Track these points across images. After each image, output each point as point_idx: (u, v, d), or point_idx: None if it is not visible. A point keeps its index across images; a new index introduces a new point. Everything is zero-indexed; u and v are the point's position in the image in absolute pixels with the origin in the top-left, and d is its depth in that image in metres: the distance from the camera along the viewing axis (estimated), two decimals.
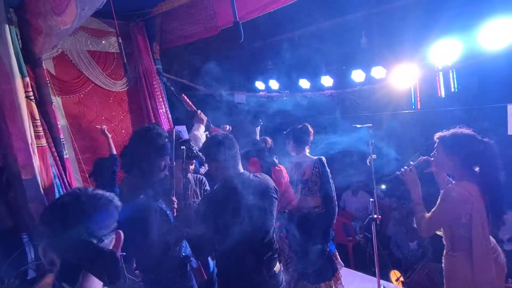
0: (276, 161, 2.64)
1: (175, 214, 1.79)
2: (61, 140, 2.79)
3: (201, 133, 2.56)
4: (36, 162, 2.38)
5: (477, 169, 1.72)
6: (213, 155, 1.74)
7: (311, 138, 2.73)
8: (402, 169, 1.90)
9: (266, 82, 5.16)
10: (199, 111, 2.68)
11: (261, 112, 4.50)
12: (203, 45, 4.33)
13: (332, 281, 2.65)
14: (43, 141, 2.51)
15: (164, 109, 4.41)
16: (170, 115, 4.46)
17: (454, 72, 4.12)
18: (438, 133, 1.82)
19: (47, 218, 0.87)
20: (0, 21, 2.24)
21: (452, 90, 4.20)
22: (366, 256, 4.27)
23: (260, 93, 5.21)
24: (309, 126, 2.73)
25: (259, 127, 3.38)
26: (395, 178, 1.96)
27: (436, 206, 1.73)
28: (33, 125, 2.42)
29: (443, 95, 4.23)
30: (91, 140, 3.95)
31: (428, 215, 1.74)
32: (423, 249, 3.94)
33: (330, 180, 2.60)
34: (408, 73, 3.70)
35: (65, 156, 2.80)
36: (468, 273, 1.65)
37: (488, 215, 1.64)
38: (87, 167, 3.70)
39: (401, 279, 3.78)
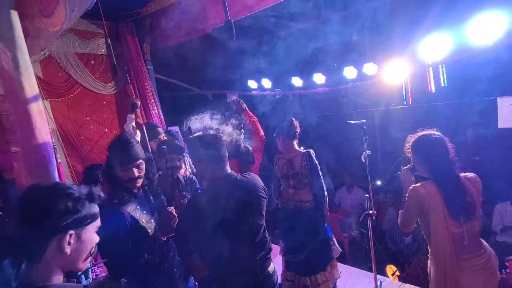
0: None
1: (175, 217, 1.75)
2: (53, 144, 2.73)
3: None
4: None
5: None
6: (199, 156, 1.72)
7: (298, 130, 2.76)
8: (403, 169, 2.00)
9: (258, 81, 5.16)
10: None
11: (254, 111, 4.49)
12: (195, 45, 4.29)
13: (327, 271, 2.66)
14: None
15: (156, 110, 4.37)
16: (162, 116, 4.42)
17: (444, 68, 4.18)
18: (407, 140, 1.94)
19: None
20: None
21: (442, 85, 4.25)
22: (362, 252, 4.31)
23: (253, 92, 5.20)
24: (294, 119, 2.77)
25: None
26: (396, 177, 2.09)
27: (405, 204, 1.89)
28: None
29: (433, 90, 4.28)
30: (81, 144, 3.89)
31: (402, 211, 1.90)
32: (418, 243, 3.99)
33: (320, 173, 2.63)
34: (399, 69, 3.73)
35: (58, 161, 2.74)
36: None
37: (449, 212, 1.69)
38: (78, 171, 3.64)
39: (397, 273, 3.82)
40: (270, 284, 1.75)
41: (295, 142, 2.74)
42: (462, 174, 1.78)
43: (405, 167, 2.00)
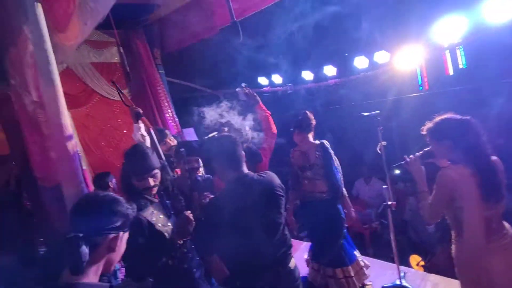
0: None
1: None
2: (78, 152, 2.79)
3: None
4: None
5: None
6: (214, 158, 1.74)
7: (313, 123, 2.79)
8: (407, 158, 1.93)
9: (269, 77, 5.15)
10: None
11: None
12: (204, 46, 4.34)
13: (350, 267, 2.68)
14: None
15: (170, 113, 4.45)
16: (177, 119, 4.50)
17: (462, 49, 4.03)
18: (424, 127, 1.87)
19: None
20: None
21: (460, 67, 4.11)
22: (383, 243, 4.25)
23: (264, 88, 5.21)
24: (308, 113, 2.79)
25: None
26: (400, 166, 2.01)
27: (433, 192, 1.78)
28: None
29: (451, 73, 4.15)
30: (101, 151, 4.03)
31: (429, 201, 1.79)
32: (442, 231, 3.89)
33: (335, 164, 2.64)
34: (413, 55, 3.63)
35: (83, 168, 2.81)
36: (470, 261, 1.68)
37: (483, 198, 1.63)
38: None
39: (421, 263, 3.76)
40: (292, 280, 1.76)
41: (310, 135, 2.77)
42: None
43: (411, 156, 1.91)
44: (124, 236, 1.14)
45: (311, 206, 2.73)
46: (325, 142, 2.70)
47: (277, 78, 5.02)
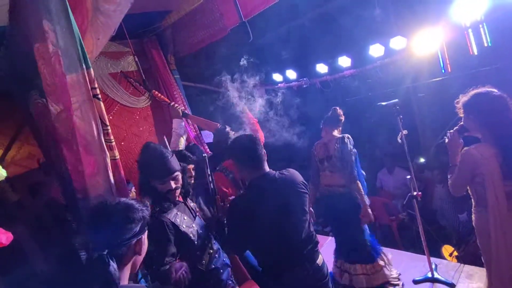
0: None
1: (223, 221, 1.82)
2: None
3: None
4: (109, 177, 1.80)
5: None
6: (238, 156, 1.76)
7: (342, 118, 2.83)
8: (449, 132, 1.97)
9: (283, 73, 5.11)
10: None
11: (282, 104, 4.46)
12: (216, 47, 4.37)
13: (373, 265, 2.65)
14: (116, 153, 1.87)
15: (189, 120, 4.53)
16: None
17: (485, 26, 3.81)
18: (459, 99, 1.89)
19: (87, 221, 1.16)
20: None
21: (486, 45, 3.88)
22: (412, 234, 4.12)
23: (279, 85, 5.17)
24: (338, 109, 2.85)
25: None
26: (443, 143, 2.04)
27: (456, 168, 1.87)
28: (103, 131, 1.81)
29: (475, 53, 3.93)
30: (125, 159, 4.17)
31: (454, 175, 1.89)
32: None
33: (353, 158, 2.62)
34: (432, 37, 3.47)
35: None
36: (488, 228, 1.76)
37: (503, 174, 1.69)
38: None
39: (455, 253, 3.61)
40: (321, 276, 1.75)
41: (336, 130, 2.81)
42: None
43: (451, 130, 1.94)
44: (145, 236, 1.17)
45: (329, 200, 2.73)
46: (347, 135, 2.69)
47: (291, 74, 4.97)
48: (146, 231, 1.18)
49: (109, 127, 1.86)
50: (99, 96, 1.88)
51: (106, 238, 1.05)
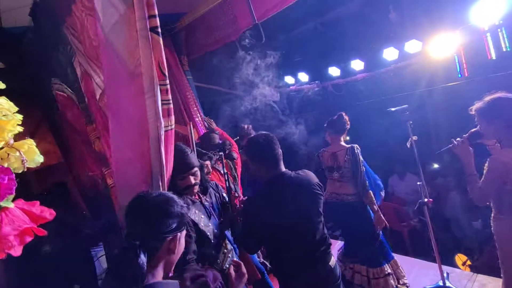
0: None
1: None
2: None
3: None
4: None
5: None
6: (254, 156, 1.75)
7: (348, 126, 2.82)
8: (454, 141, 1.91)
9: (295, 75, 5.11)
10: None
11: (293, 107, 4.47)
12: (229, 48, 4.41)
13: (378, 270, 2.64)
14: (172, 120, 1.51)
15: (200, 118, 4.58)
16: (206, 122, 4.62)
17: (504, 31, 3.72)
18: (473, 106, 1.85)
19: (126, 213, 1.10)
20: None
21: (504, 50, 3.78)
22: (424, 242, 4.04)
23: (291, 87, 5.17)
24: (344, 114, 2.84)
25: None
26: (447, 151, 1.98)
27: (483, 176, 1.79)
28: (160, 87, 1.39)
29: (493, 57, 3.84)
30: None
31: (479, 185, 1.79)
32: (489, 227, 3.62)
33: (363, 168, 2.64)
34: (449, 41, 3.41)
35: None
36: None
37: None
38: None
39: (468, 262, 3.51)
40: (333, 278, 1.74)
41: (342, 137, 2.80)
42: None
43: (459, 138, 1.89)
44: (182, 236, 1.10)
45: (338, 208, 2.73)
46: (356, 146, 2.71)
47: (303, 76, 4.96)
48: (184, 231, 1.11)
49: (167, 80, 1.41)
50: (158, 29, 1.41)
51: (140, 228, 1.01)
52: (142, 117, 1.37)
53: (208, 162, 2.34)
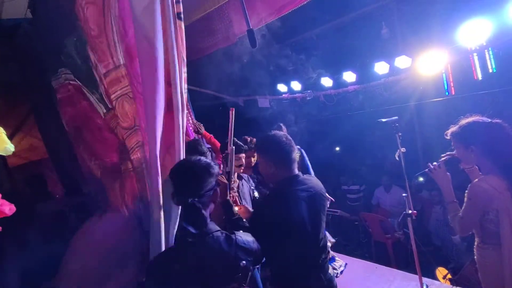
0: None
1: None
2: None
3: None
4: None
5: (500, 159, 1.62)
6: (273, 154, 1.65)
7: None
8: (431, 166, 1.84)
9: (288, 84, 5.17)
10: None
11: (284, 115, 4.51)
12: (224, 53, 4.44)
13: None
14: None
15: (191, 121, 4.57)
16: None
17: (491, 51, 3.85)
18: (448, 130, 1.78)
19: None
20: None
21: (490, 71, 3.92)
22: (407, 254, 4.09)
23: (283, 95, 5.22)
24: (282, 125, 3.03)
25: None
26: (423, 174, 1.92)
27: (464, 205, 1.68)
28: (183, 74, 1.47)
29: (479, 78, 3.97)
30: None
31: (460, 214, 1.68)
32: (468, 242, 3.70)
33: (311, 171, 2.71)
34: (437, 59, 3.52)
35: None
36: (498, 265, 1.59)
37: None
38: None
39: (449, 276, 3.57)
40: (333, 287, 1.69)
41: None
42: None
43: (435, 163, 1.81)
44: (218, 187, 1.39)
45: None
46: (300, 149, 2.75)
47: (296, 85, 5.03)
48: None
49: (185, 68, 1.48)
50: (182, 15, 1.45)
51: (193, 189, 1.26)
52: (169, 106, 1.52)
53: (243, 155, 2.39)
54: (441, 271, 3.65)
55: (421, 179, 4.64)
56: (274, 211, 1.56)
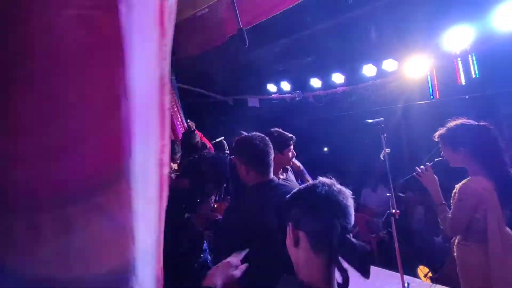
0: None
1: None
2: None
3: None
4: None
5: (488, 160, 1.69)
6: (247, 158, 1.59)
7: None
8: (418, 169, 1.88)
9: (277, 84, 5.20)
10: None
11: (273, 115, 4.53)
12: (215, 51, 4.43)
13: None
14: None
15: (180, 119, 4.55)
16: (186, 124, 4.59)
17: (474, 57, 3.97)
18: (436, 133, 1.82)
19: None
20: None
21: (473, 76, 4.04)
22: (391, 253, 4.18)
23: (273, 95, 5.25)
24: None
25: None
26: (411, 178, 1.97)
27: (453, 206, 1.73)
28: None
29: (463, 83, 4.08)
30: None
31: (449, 216, 1.73)
32: (449, 242, 3.80)
33: None
34: (422, 63, 3.61)
35: None
36: (482, 262, 1.64)
37: (502, 209, 1.63)
38: None
39: (429, 274, 3.66)
40: None
41: None
42: None
43: (422, 167, 1.86)
44: None
45: None
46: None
47: (285, 85, 5.06)
48: None
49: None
50: None
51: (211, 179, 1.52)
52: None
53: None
54: (422, 270, 3.75)
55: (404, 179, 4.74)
56: (245, 216, 1.51)
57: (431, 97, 4.49)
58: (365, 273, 0.93)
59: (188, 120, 3.67)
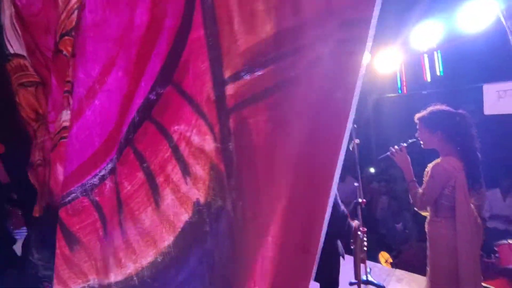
0: None
1: None
2: None
3: None
4: None
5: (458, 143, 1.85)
6: None
7: None
8: (392, 149, 2.00)
9: None
10: None
11: None
12: None
13: None
14: None
15: None
16: None
17: (439, 54, 4.13)
18: (416, 114, 1.95)
19: None
20: None
21: (438, 74, 4.22)
22: None
23: None
24: None
25: None
26: (385, 158, 2.08)
27: (425, 182, 1.87)
28: None
29: (428, 80, 4.26)
30: None
31: (420, 191, 1.88)
32: (408, 230, 4.04)
33: None
34: (392, 58, 3.70)
35: None
36: (450, 236, 1.80)
37: (468, 185, 1.79)
38: None
39: (390, 260, 3.87)
40: None
41: None
42: None
43: (396, 147, 1.99)
44: None
45: None
46: None
47: None
48: None
49: None
50: None
51: None
52: None
53: None
54: (383, 255, 3.95)
55: (372, 170, 4.93)
56: None
57: (399, 91, 4.66)
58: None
59: None
